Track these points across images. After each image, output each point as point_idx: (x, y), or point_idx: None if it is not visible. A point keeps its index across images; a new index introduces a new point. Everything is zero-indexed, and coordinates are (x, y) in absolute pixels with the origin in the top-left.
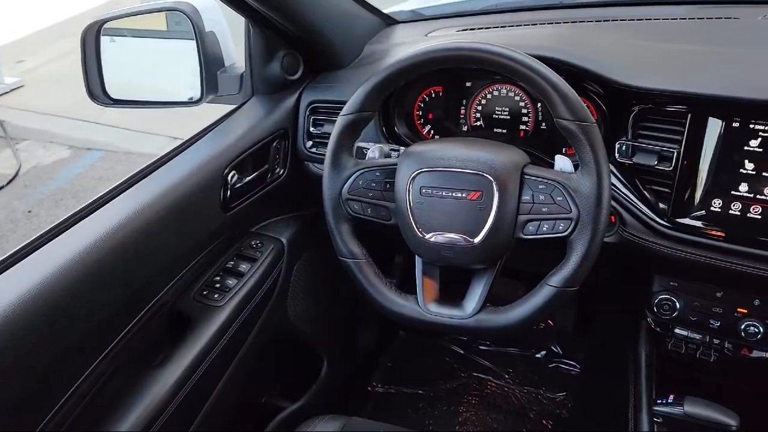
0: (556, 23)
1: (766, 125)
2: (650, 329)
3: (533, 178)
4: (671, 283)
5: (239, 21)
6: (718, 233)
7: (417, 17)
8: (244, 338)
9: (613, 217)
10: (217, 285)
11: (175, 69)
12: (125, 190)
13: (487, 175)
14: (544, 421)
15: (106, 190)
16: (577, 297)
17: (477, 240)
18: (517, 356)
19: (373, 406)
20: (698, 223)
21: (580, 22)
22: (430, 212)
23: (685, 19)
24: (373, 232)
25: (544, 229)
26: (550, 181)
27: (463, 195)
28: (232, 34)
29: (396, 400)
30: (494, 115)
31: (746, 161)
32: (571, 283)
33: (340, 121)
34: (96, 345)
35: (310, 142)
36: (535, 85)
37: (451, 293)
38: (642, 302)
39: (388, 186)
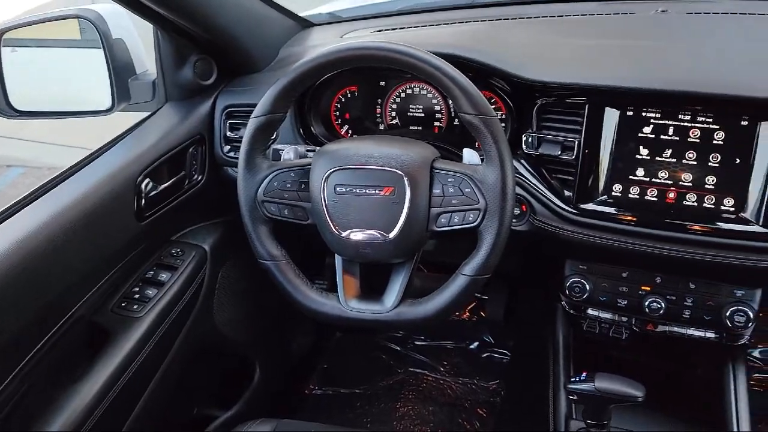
0: (468, 22)
1: (657, 113)
2: (565, 312)
3: (442, 171)
4: (581, 267)
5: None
6: (620, 216)
7: (334, 19)
8: (168, 348)
9: (524, 206)
10: (136, 296)
11: (88, 78)
12: (32, 202)
13: (398, 171)
14: (478, 410)
15: (11, 203)
16: (505, 287)
17: (392, 235)
18: (451, 349)
19: (311, 408)
20: (601, 208)
21: (491, 20)
22: (345, 210)
23: (586, 15)
24: (305, 235)
25: (456, 220)
26: (458, 174)
27: (377, 191)
28: (144, 41)
29: (333, 401)
30: (409, 113)
31: (641, 147)
32: (483, 271)
33: (251, 123)
34: (6, 364)
35: (228, 147)
36: (438, 81)
37: (376, 288)
38: (556, 287)
39: (303, 186)
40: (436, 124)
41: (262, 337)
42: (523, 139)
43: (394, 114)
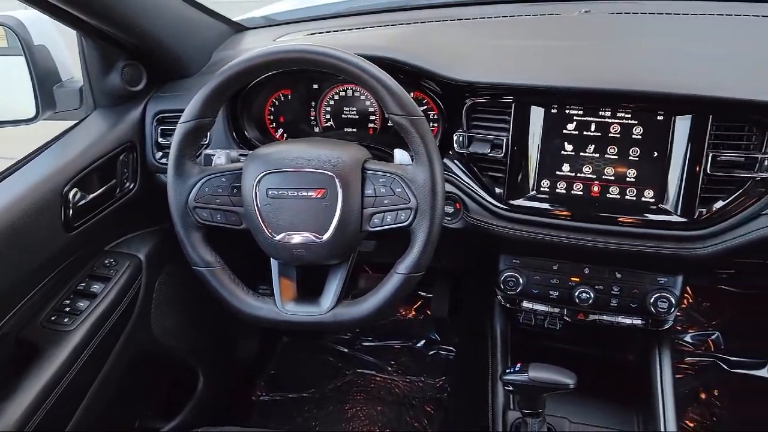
0: (399, 25)
1: (579, 110)
2: (502, 306)
3: (374, 172)
4: (514, 261)
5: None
6: (548, 211)
7: (268, 23)
8: (103, 361)
9: (458, 204)
10: (67, 309)
11: (11, 86)
12: None
13: (330, 172)
14: (426, 407)
15: None
16: (449, 284)
17: (326, 236)
18: (399, 348)
19: (258, 415)
20: (530, 203)
21: (422, 23)
22: (278, 213)
23: (514, 16)
24: (248, 242)
25: (388, 220)
26: (389, 174)
27: (309, 193)
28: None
29: (281, 407)
30: (343, 115)
31: (566, 143)
32: (417, 269)
33: (179, 129)
34: None
35: (160, 153)
36: (365, 83)
37: (314, 290)
38: (492, 281)
39: (235, 191)
40: (371, 125)
41: (205, 344)
42: (454, 138)
43: (328, 117)
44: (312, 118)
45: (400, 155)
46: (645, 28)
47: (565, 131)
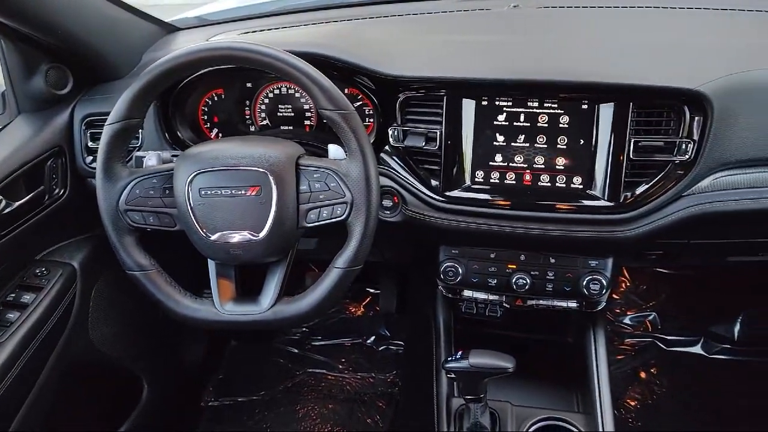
0: (333, 22)
1: (508, 101)
2: (444, 296)
3: (308, 167)
4: (453, 251)
5: None
6: (483, 200)
7: (201, 23)
8: (38, 373)
9: (396, 198)
10: None
11: None
12: None
13: (263, 169)
14: (377, 403)
15: None
16: (396, 278)
17: (263, 234)
18: (349, 346)
19: (207, 421)
20: (466, 194)
21: (355, 19)
22: (212, 213)
23: (446, 12)
24: (185, 244)
25: (324, 215)
26: (323, 169)
27: (243, 191)
28: None
29: (232, 411)
30: (279, 113)
31: (497, 134)
32: (355, 262)
33: (106, 131)
34: None
35: (90, 158)
36: (295, 79)
37: (255, 289)
38: (433, 272)
39: (167, 192)
40: (307, 122)
41: (148, 351)
42: (389, 132)
43: (264, 115)
44: (247, 117)
45: (334, 150)
46: (571, 21)
47: (495, 122)
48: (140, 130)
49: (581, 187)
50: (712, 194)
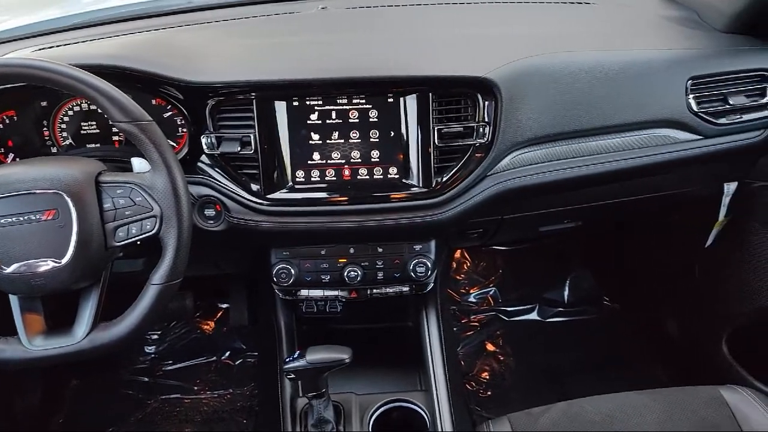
0: (138, 32)
1: (318, 100)
2: (282, 299)
3: (109, 184)
4: (284, 253)
5: None
6: (306, 199)
7: None
8: None
9: (218, 206)
10: None
11: None
12: None
13: (58, 191)
14: (236, 418)
15: None
16: (244, 290)
17: (66, 260)
18: (204, 365)
19: None
20: (288, 195)
21: (160, 29)
22: (6, 243)
23: (256, 17)
24: None
25: (134, 231)
26: (126, 184)
27: (38, 216)
28: None
29: None
30: (83, 131)
31: (312, 133)
32: (173, 276)
33: None
34: None
35: None
36: (82, 93)
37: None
38: (267, 277)
39: None
40: (116, 138)
41: None
42: (203, 140)
43: (65, 135)
44: (47, 138)
45: (137, 163)
46: (376, 20)
47: (309, 122)
48: None
49: (397, 177)
50: (512, 171)
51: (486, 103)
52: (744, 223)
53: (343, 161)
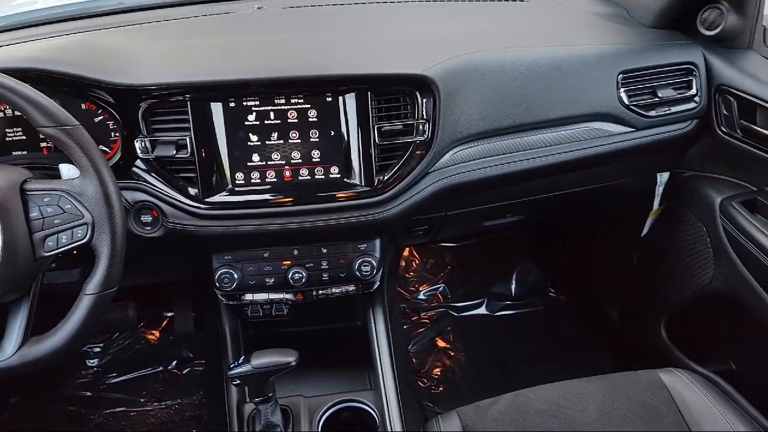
0: (68, 34)
1: (255, 101)
2: (226, 305)
3: (36, 192)
4: (226, 257)
5: None
6: (246, 202)
7: None
8: None
9: (155, 212)
10: None
11: None
12: None
13: None
14: (185, 428)
15: None
16: (188, 297)
17: None
18: (149, 376)
19: None
20: (227, 198)
21: (91, 31)
22: None
23: (190, 18)
24: None
25: (64, 240)
26: (54, 192)
27: None
28: None
29: None
30: (8, 138)
31: (250, 135)
32: (107, 285)
33: None
34: None
35: None
36: (3, 98)
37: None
38: (210, 282)
39: None
40: (44, 144)
41: None
42: (136, 145)
43: None
44: None
45: (66, 170)
46: (313, 19)
47: (247, 123)
48: None
49: (339, 176)
50: (452, 168)
51: (424, 100)
52: (677, 212)
53: (284, 162)
